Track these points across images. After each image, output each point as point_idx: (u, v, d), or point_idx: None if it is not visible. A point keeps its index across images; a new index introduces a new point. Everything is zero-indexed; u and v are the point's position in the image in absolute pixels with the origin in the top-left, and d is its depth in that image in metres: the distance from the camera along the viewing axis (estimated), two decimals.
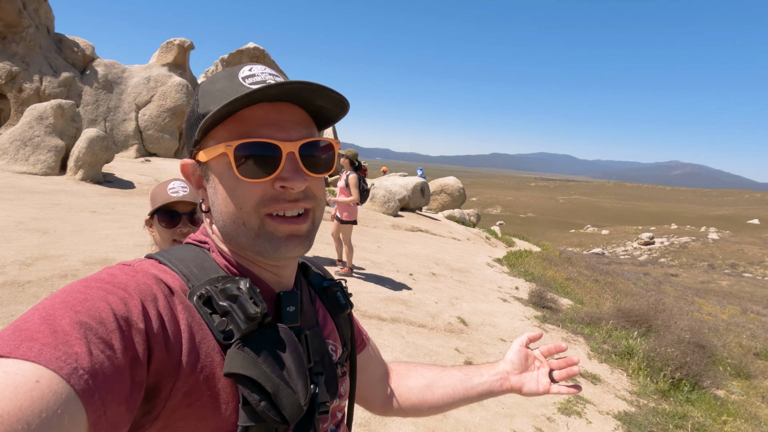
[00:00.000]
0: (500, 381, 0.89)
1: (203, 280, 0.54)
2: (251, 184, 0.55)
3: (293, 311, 0.59)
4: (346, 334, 0.75)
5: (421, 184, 14.73)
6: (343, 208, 5.63)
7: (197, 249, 0.60)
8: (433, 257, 8.05)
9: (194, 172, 0.61)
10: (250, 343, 0.51)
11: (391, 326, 4.40)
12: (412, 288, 5.81)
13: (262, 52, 16.54)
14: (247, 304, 0.51)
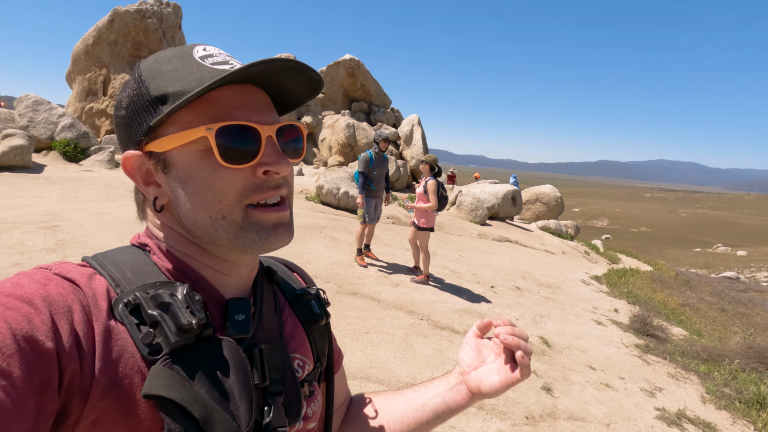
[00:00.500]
0: (456, 388, 0.69)
1: (136, 286, 0.48)
2: (233, 172, 0.49)
3: (243, 320, 0.52)
4: (321, 349, 0.67)
5: (513, 192, 14.00)
6: (421, 214, 5.53)
7: (137, 251, 0.53)
8: (519, 270, 7.54)
9: (141, 166, 0.51)
10: (181, 359, 0.45)
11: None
12: (491, 301, 5.49)
13: (357, 63, 17.26)
14: (180, 313, 0.45)
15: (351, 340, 3.71)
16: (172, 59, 0.50)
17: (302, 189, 10.94)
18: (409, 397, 0.74)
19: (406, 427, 0.71)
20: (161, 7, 14.89)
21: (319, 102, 17.42)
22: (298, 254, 5.69)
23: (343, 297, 4.63)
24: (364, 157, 5.88)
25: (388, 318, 4.34)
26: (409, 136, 15.23)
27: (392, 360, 3.52)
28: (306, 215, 8.33)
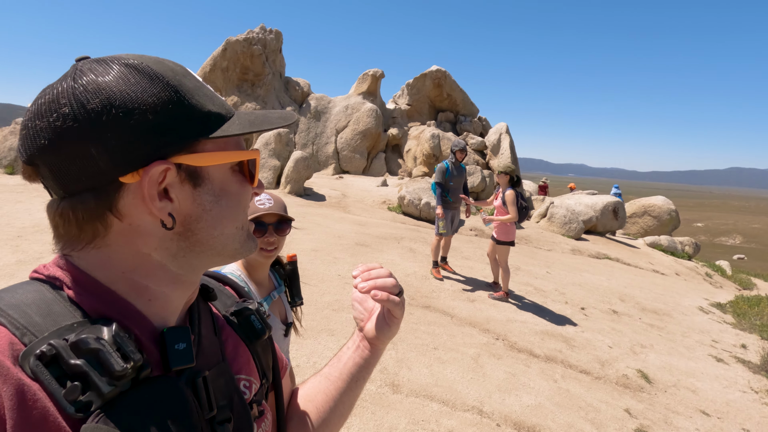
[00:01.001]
0: (360, 345, 0.74)
1: (49, 331, 0.41)
2: (250, 189, 0.55)
3: (184, 349, 0.48)
4: (266, 364, 0.65)
5: (614, 204, 12.65)
6: (500, 227, 5.23)
7: (42, 288, 0.45)
8: (618, 291, 6.73)
9: (162, 179, 0.46)
10: (118, 410, 0.40)
11: (542, 365, 3.81)
12: (579, 325, 4.95)
13: (443, 74, 17.18)
14: (111, 358, 0.40)
15: (417, 355, 3.60)
16: (188, 76, 0.49)
17: (385, 200, 11.11)
18: (326, 373, 0.76)
19: (333, 402, 0.73)
20: (265, 34, 16.46)
21: (405, 114, 17.66)
22: None
23: (414, 310, 4.53)
24: (440, 168, 5.77)
25: (460, 335, 4.14)
26: (496, 145, 14.66)
27: (459, 380, 3.33)
28: (385, 225, 8.42)
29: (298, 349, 3.38)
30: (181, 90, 0.46)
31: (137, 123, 0.43)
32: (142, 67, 0.45)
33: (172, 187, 0.47)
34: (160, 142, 0.45)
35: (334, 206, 10.01)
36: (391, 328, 0.71)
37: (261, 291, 1.44)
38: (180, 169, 0.47)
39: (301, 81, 17.40)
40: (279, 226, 1.41)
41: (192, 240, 0.49)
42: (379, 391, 3.00)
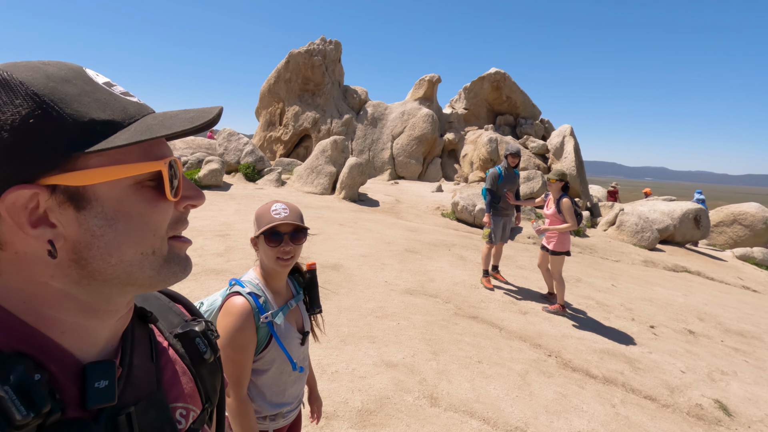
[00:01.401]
0: None
1: None
2: (167, 206, 0.47)
3: (105, 387, 0.44)
4: (212, 387, 0.63)
5: (696, 211, 11.44)
6: (555, 236, 4.91)
7: None
8: (696, 309, 6.04)
9: (30, 203, 0.40)
10: None
11: (599, 387, 3.50)
12: (647, 345, 4.50)
13: (503, 76, 16.67)
14: (12, 407, 0.36)
15: (459, 367, 3.47)
16: (73, 80, 0.42)
17: (438, 205, 10.96)
18: None
19: None
20: (325, 45, 17.05)
21: (462, 118, 17.35)
22: (422, 271, 5.66)
23: (460, 320, 4.39)
24: (492, 173, 5.57)
25: (508, 349, 3.93)
26: (559, 149, 13.91)
27: (503, 397, 3.15)
28: (437, 232, 8.28)
29: (338, 355, 3.40)
30: (51, 98, 0.39)
31: (11, 148, 0.38)
32: (6, 78, 0.39)
33: (51, 211, 0.40)
34: (22, 163, 0.38)
35: (386, 212, 10.05)
36: None
37: (278, 299, 1.45)
38: (56, 191, 0.40)
39: (359, 89, 17.76)
40: (295, 236, 1.41)
41: (89, 269, 0.43)
42: (416, 403, 2.93)
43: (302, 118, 16.48)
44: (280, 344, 1.37)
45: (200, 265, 4.95)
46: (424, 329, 4.04)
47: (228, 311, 1.32)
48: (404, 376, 3.21)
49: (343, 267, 5.46)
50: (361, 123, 16.58)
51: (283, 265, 1.40)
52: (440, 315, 4.42)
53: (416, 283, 5.24)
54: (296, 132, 16.64)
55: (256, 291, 1.40)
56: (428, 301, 4.75)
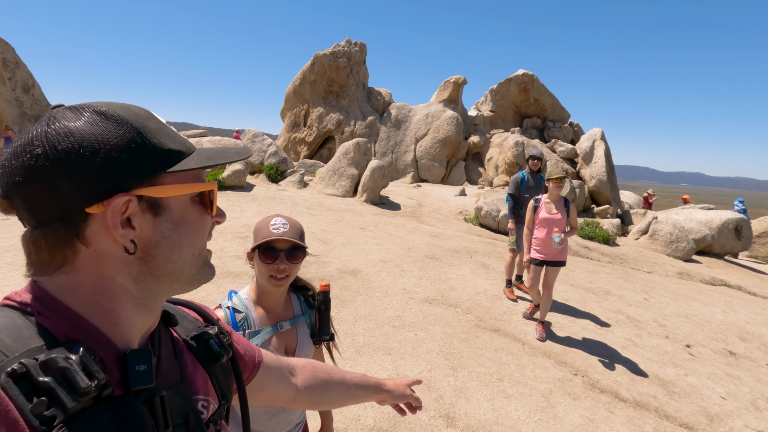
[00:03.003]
0: (379, 385, 1.04)
1: (20, 352, 0.46)
2: (209, 219, 0.60)
3: (144, 370, 0.54)
4: (226, 385, 0.71)
5: (737, 221, 10.81)
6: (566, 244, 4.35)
7: (13, 314, 0.50)
8: (737, 327, 5.64)
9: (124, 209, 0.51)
10: (78, 425, 0.44)
11: (630, 412, 3.27)
12: (682, 366, 4.20)
13: (531, 77, 16.25)
14: (77, 376, 0.45)
15: (479, 385, 3.30)
16: (151, 119, 0.56)
17: (461, 210, 10.73)
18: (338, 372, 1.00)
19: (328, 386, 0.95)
20: (350, 47, 17.05)
21: (488, 121, 17.00)
22: (443, 279, 5.50)
23: (481, 333, 4.21)
24: (515, 179, 5.36)
25: (531, 366, 3.73)
26: (588, 153, 13.42)
27: (525, 420, 2.96)
28: (459, 238, 8.08)
29: (352, 366, 3.29)
30: (143, 131, 0.53)
31: (102, 160, 0.49)
32: (109, 113, 0.51)
33: (135, 216, 0.53)
34: (123, 177, 0.51)
35: (408, 215, 9.91)
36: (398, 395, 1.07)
37: (269, 318, 1.34)
38: (141, 200, 0.53)
39: (383, 91, 17.69)
40: (292, 253, 1.31)
41: (151, 264, 0.54)
42: (432, 423, 2.78)
43: (326, 120, 16.53)
44: None
45: (219, 267, 4.95)
46: (443, 342, 3.89)
47: None
48: (420, 393, 3.07)
49: (362, 272, 5.36)
50: (384, 125, 16.50)
51: (276, 285, 1.30)
52: (460, 327, 4.26)
53: (436, 291, 5.09)
54: (320, 133, 16.70)
55: (238, 307, 1.31)
56: (448, 312, 4.59)
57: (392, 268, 5.67)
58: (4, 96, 10.03)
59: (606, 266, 7.98)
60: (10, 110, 10.11)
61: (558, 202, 4.36)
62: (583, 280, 6.52)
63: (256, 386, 0.82)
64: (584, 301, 5.56)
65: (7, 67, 10.04)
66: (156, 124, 0.55)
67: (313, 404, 0.94)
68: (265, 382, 0.83)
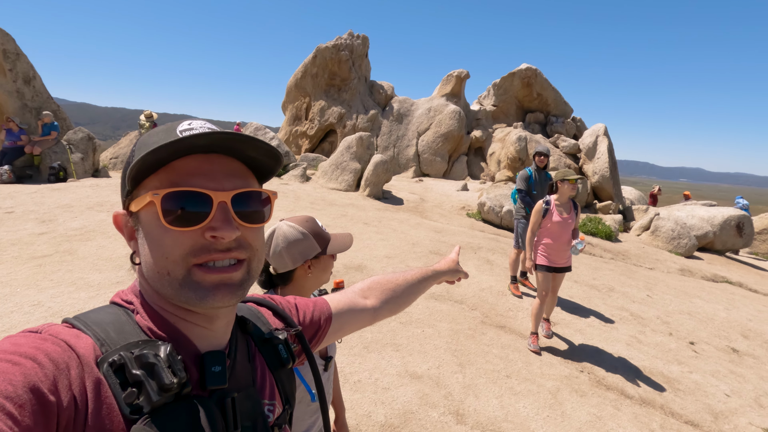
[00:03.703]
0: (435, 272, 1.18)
1: (120, 345, 0.51)
2: (179, 233, 0.53)
3: (219, 371, 0.56)
4: (290, 390, 0.73)
5: (739, 218, 10.82)
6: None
7: (119, 311, 0.57)
8: (740, 325, 5.68)
9: (126, 223, 0.59)
10: (160, 418, 0.48)
11: (636, 409, 3.30)
12: (686, 364, 4.23)
13: (534, 72, 16.17)
14: (163, 373, 0.49)
15: (487, 382, 3.32)
16: (159, 133, 0.56)
17: (464, 205, 10.73)
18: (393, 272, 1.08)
19: (398, 288, 1.04)
20: (352, 40, 16.92)
21: (490, 115, 16.94)
22: None
23: (487, 329, 4.23)
24: (522, 175, 5.35)
25: (538, 363, 3.76)
26: (591, 149, 13.40)
27: (534, 417, 2.99)
28: (463, 233, 8.09)
29: (361, 363, 3.31)
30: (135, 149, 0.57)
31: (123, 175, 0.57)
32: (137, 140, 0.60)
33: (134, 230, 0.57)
34: (121, 194, 0.58)
35: (411, 210, 9.91)
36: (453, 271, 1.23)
37: None
38: (130, 216, 0.57)
39: (385, 84, 17.59)
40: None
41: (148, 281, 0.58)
42: (442, 419, 2.81)
43: (328, 113, 16.46)
44: (296, 372, 1.28)
45: None
46: (450, 338, 3.91)
47: None
48: (429, 389, 3.10)
49: (367, 268, 5.37)
50: (386, 119, 16.43)
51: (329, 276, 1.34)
52: (466, 323, 4.28)
53: (441, 287, 5.10)
54: (322, 127, 16.64)
55: None
56: (454, 308, 4.61)
57: (397, 263, 5.68)
58: (5, 88, 9.95)
59: (609, 263, 8.00)
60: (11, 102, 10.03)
61: (567, 205, 4.08)
62: (586, 277, 6.54)
63: (334, 330, 0.86)
64: (588, 298, 5.59)
65: (8, 59, 9.95)
66: (161, 135, 0.55)
67: (393, 312, 1.02)
68: (340, 325, 0.88)
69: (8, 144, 9.03)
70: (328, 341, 0.87)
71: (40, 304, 3.53)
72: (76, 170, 9.54)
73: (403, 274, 1.08)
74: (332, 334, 0.87)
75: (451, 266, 1.22)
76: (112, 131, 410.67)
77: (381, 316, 0.99)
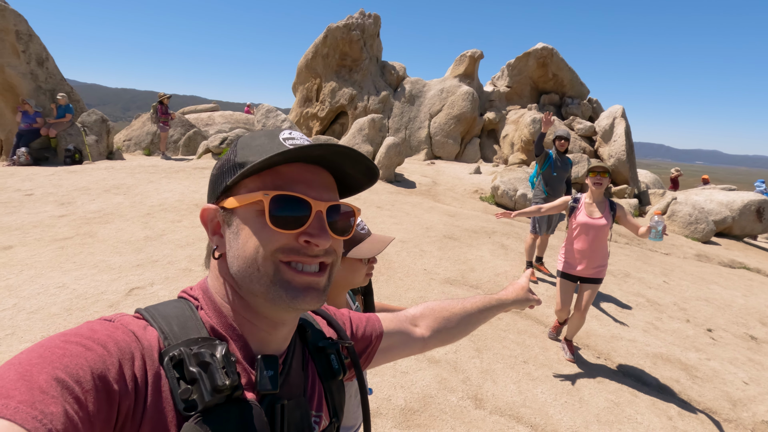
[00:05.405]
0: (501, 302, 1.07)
1: (181, 340, 0.53)
2: (276, 233, 0.55)
3: (272, 376, 0.57)
4: (339, 403, 0.71)
5: (759, 202, 10.59)
6: None
7: (185, 305, 0.59)
8: (758, 311, 5.61)
9: (214, 218, 0.60)
10: (211, 418, 0.49)
11: (654, 396, 3.30)
12: (704, 350, 4.21)
13: (550, 52, 15.73)
14: (217, 374, 0.50)
15: (504, 367, 3.34)
16: (262, 137, 0.59)
17: (477, 188, 10.64)
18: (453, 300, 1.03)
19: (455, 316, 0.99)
20: (364, 19, 16.57)
21: (504, 97, 16.60)
22: (462, 260, 5.50)
23: (503, 315, 4.23)
24: (543, 155, 5.26)
25: (555, 348, 3.77)
26: (608, 131, 13.10)
27: (552, 403, 3.01)
28: (476, 217, 8.04)
29: None
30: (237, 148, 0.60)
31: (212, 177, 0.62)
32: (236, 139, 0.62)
33: (220, 225, 0.59)
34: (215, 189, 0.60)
35: (424, 194, 9.86)
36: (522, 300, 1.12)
37: None
38: (224, 211, 0.58)
39: (397, 65, 17.29)
40: None
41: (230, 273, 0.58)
42: (461, 404, 2.84)
43: (339, 95, 16.28)
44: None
45: None
46: None
47: None
48: (447, 374, 3.13)
49: (382, 253, 5.37)
50: (398, 100, 16.21)
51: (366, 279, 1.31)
52: None
53: (456, 272, 5.10)
54: (333, 108, 16.48)
55: None
56: (469, 293, 4.61)
57: (412, 248, 5.68)
58: (19, 69, 9.98)
59: (624, 247, 7.92)
60: (26, 84, 10.07)
61: (601, 204, 3.49)
62: None
63: (383, 349, 0.84)
64: (604, 284, 5.54)
65: (21, 40, 9.94)
66: (264, 140, 0.58)
67: (444, 343, 0.98)
68: (388, 345, 0.86)
69: (24, 126, 9.12)
70: (378, 361, 0.85)
71: (65, 286, 3.61)
72: (91, 152, 9.62)
73: (461, 302, 1.02)
74: (381, 354, 0.85)
75: (519, 295, 1.11)
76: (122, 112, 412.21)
77: (431, 345, 0.95)
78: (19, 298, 3.35)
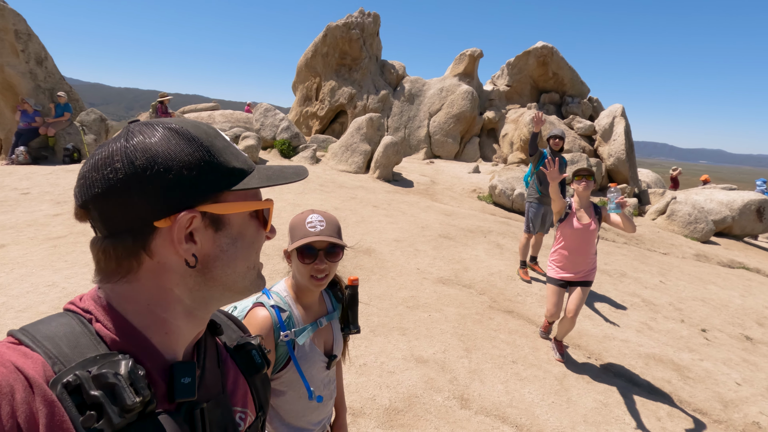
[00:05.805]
0: None
1: (75, 362, 0.47)
2: (264, 234, 0.62)
3: (189, 383, 0.55)
4: (264, 397, 0.72)
5: (760, 202, 10.52)
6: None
7: (73, 321, 0.52)
8: (755, 312, 5.57)
9: (188, 225, 0.53)
10: None
11: (644, 397, 3.28)
12: (698, 351, 4.18)
13: (550, 50, 15.67)
14: (125, 393, 0.46)
15: (493, 367, 3.33)
16: (218, 137, 0.57)
17: (475, 188, 10.61)
18: None
19: None
20: (363, 18, 16.55)
21: (504, 96, 16.55)
22: (456, 259, 5.49)
23: (495, 314, 4.22)
24: (537, 154, 5.23)
25: (545, 349, 3.75)
26: (608, 130, 13.04)
27: (539, 403, 2.99)
28: (473, 216, 8.02)
29: (367, 346, 3.34)
30: (211, 150, 0.54)
31: (173, 177, 0.51)
32: (182, 131, 0.53)
33: (197, 231, 0.54)
34: (190, 193, 0.53)
35: (421, 193, 9.84)
36: None
37: (308, 315, 1.33)
38: (205, 216, 0.54)
39: (397, 64, 17.26)
40: (331, 251, 1.27)
41: (208, 276, 0.56)
42: (446, 404, 2.83)
43: (338, 94, 16.27)
44: (297, 368, 1.26)
45: None
46: (457, 323, 3.91)
47: (248, 323, 1.23)
48: (435, 374, 3.11)
49: (376, 252, 5.37)
50: (397, 99, 16.18)
51: (317, 285, 1.28)
52: (474, 308, 4.27)
53: (450, 271, 5.09)
54: (332, 107, 16.48)
55: (281, 305, 1.29)
56: (462, 292, 4.59)
57: (406, 247, 5.67)
58: (18, 69, 10.01)
59: (622, 247, 7.88)
60: (25, 83, 10.11)
61: (588, 209, 3.51)
62: (598, 262, 6.44)
63: None
64: (599, 283, 5.52)
65: (20, 39, 9.98)
66: (222, 142, 0.57)
67: None
68: None
69: (23, 125, 9.15)
70: None
71: (55, 284, 3.61)
72: (90, 151, 9.63)
73: None
74: None
75: None
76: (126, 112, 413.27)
77: None
78: (8, 296, 3.36)
